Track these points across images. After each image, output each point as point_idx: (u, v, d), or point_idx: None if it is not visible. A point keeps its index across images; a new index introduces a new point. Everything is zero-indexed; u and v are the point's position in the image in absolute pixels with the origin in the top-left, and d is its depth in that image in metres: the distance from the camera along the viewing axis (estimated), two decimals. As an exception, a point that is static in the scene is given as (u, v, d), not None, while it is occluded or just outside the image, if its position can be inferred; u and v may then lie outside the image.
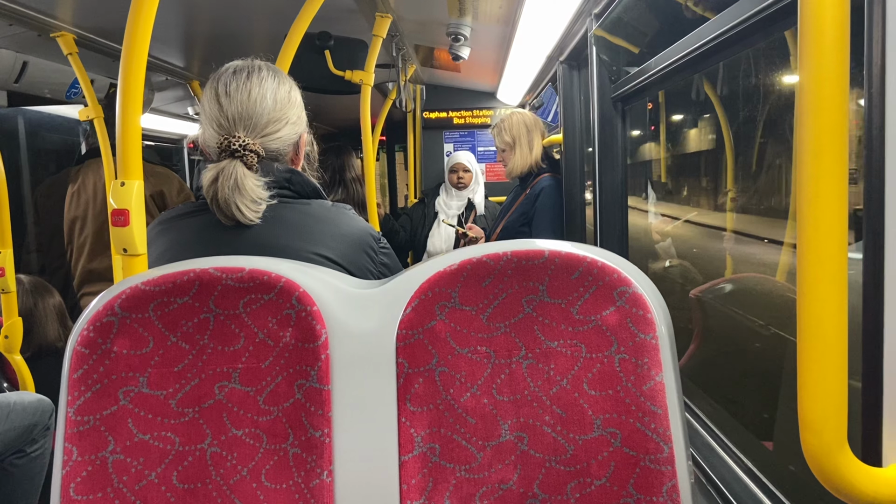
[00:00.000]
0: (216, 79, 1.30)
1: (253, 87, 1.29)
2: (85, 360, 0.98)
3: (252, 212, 1.23)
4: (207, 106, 1.29)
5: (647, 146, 4.18)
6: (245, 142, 1.25)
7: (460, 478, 1.00)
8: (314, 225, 1.30)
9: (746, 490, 1.29)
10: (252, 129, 1.27)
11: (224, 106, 1.27)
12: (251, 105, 1.27)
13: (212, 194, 1.23)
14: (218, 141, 1.25)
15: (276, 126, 1.30)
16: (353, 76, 2.68)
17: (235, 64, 1.33)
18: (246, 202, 1.22)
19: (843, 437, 0.70)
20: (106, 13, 2.50)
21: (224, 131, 1.26)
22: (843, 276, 0.67)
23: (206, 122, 1.29)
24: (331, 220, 1.33)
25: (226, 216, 1.24)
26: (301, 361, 1.01)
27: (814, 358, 0.70)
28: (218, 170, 1.22)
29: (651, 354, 0.98)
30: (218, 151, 1.25)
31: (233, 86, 1.28)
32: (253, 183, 1.23)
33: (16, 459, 2.13)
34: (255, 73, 1.31)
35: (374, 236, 1.39)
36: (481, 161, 5.30)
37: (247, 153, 1.24)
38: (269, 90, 1.30)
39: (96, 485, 0.97)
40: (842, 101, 0.66)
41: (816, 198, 0.66)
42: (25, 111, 4.07)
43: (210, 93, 1.29)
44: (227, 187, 1.21)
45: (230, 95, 1.27)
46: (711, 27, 1.36)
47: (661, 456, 0.96)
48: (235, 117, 1.27)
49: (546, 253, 1.01)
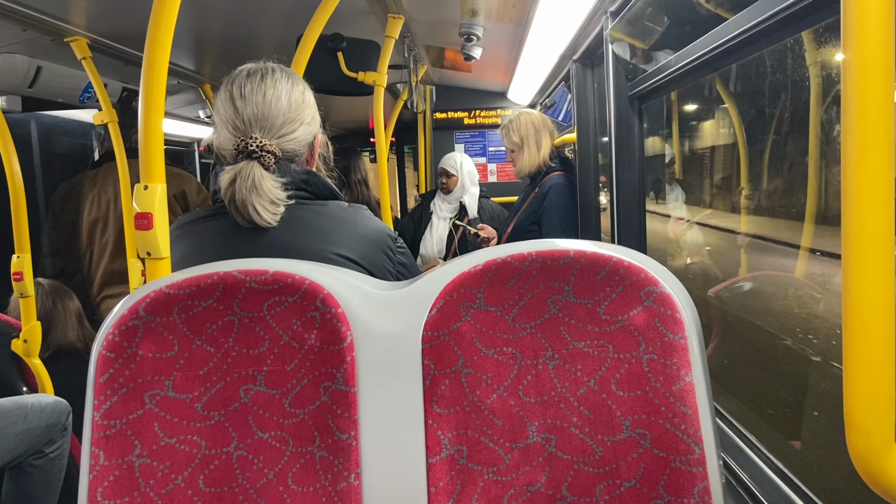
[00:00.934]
0: (230, 81, 1.31)
1: (268, 88, 1.29)
2: (111, 364, 0.98)
3: (269, 213, 1.23)
4: (222, 109, 1.29)
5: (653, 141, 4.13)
6: (262, 142, 1.25)
7: (488, 480, 0.99)
8: (332, 226, 1.30)
9: (778, 492, 1.28)
10: (268, 130, 1.28)
11: (239, 108, 1.27)
12: (266, 106, 1.28)
13: (230, 196, 1.22)
14: (234, 143, 1.25)
15: (291, 127, 1.31)
16: (365, 77, 2.68)
17: (249, 66, 1.33)
18: (264, 203, 1.22)
19: (891, 437, 0.69)
20: (119, 18, 2.50)
21: (240, 133, 1.27)
22: (890, 273, 0.66)
23: (222, 124, 1.29)
24: (349, 220, 1.33)
25: (243, 218, 1.24)
26: (326, 364, 1.00)
27: (860, 357, 0.68)
28: (235, 171, 1.22)
29: (680, 354, 0.97)
30: (235, 153, 1.25)
31: (247, 88, 1.28)
32: (271, 184, 1.23)
33: (35, 460, 2.14)
34: (269, 74, 1.31)
35: (392, 236, 1.39)
36: (492, 161, 5.30)
37: (264, 154, 1.25)
38: (283, 91, 1.30)
39: (123, 489, 0.97)
40: (888, 96, 0.65)
41: (862, 193, 0.65)
42: (38, 116, 4.09)
43: (224, 95, 1.29)
44: (244, 188, 1.21)
45: (245, 98, 1.27)
46: (733, 25, 1.34)
47: (692, 457, 0.95)
48: (251, 119, 1.27)
49: (571, 253, 1.01)
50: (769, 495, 1.27)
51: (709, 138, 3.86)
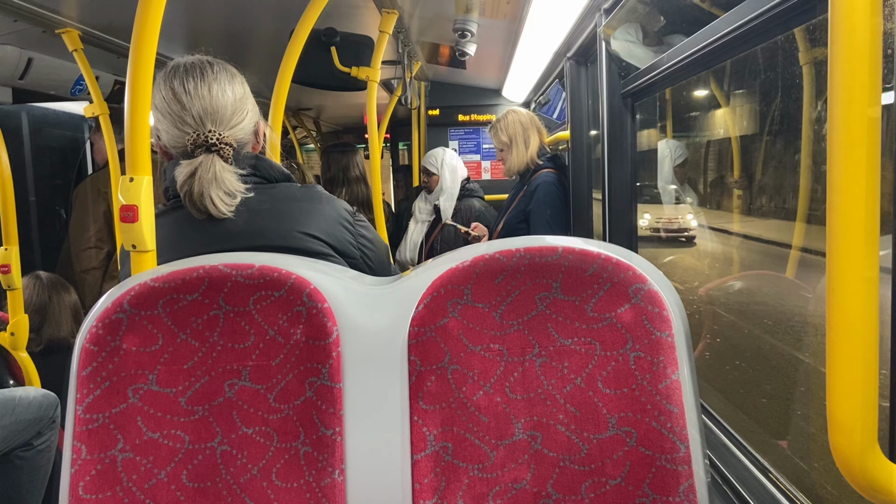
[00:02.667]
0: (169, 78, 1.29)
1: (211, 82, 1.29)
2: (94, 358, 0.97)
3: (225, 205, 1.24)
4: (166, 106, 1.28)
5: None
6: (220, 134, 1.26)
7: (473, 477, 0.99)
8: (288, 205, 1.31)
9: (763, 490, 1.28)
10: (220, 122, 1.28)
11: (186, 103, 1.26)
12: (214, 100, 1.28)
13: (186, 189, 1.22)
14: (188, 138, 1.25)
15: (240, 117, 1.32)
16: (359, 73, 2.67)
17: (184, 61, 1.32)
18: (221, 195, 1.22)
19: (874, 437, 0.69)
20: (111, 10, 2.49)
21: (191, 128, 1.26)
22: (875, 274, 0.66)
23: (169, 122, 1.28)
24: (303, 199, 1.34)
25: (199, 210, 1.24)
26: (312, 359, 1.00)
27: (843, 358, 0.68)
28: (195, 165, 1.22)
29: (667, 352, 0.97)
30: (192, 147, 1.25)
31: (191, 83, 1.28)
32: (231, 176, 1.25)
33: (22, 452, 2.14)
34: (209, 68, 1.31)
35: (348, 210, 1.40)
36: (486, 158, 5.29)
37: (222, 146, 1.26)
38: (226, 84, 1.31)
39: (105, 484, 0.96)
40: (873, 98, 0.64)
41: (847, 194, 0.65)
42: (30, 107, 4.07)
43: (167, 93, 1.28)
44: (204, 181, 1.21)
45: (190, 93, 1.27)
46: (724, 23, 1.34)
47: (677, 455, 0.94)
48: (202, 113, 1.27)
49: (559, 249, 1.00)
50: (754, 494, 1.27)
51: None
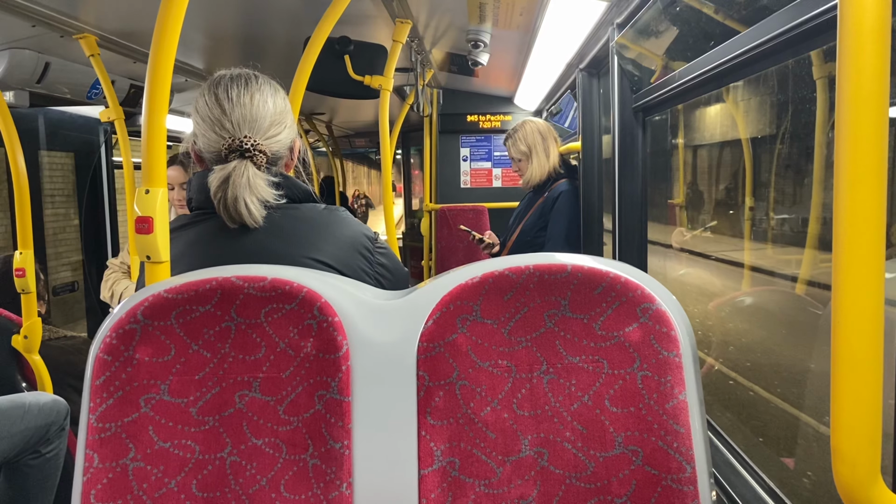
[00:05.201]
0: (214, 85, 1.32)
1: (254, 92, 1.32)
2: (107, 367, 0.99)
3: (258, 212, 1.25)
4: (207, 111, 1.31)
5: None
6: (255, 142, 1.27)
7: (479, 493, 0.99)
8: (304, 228, 1.32)
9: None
10: (257, 131, 1.30)
11: (227, 110, 1.29)
12: (255, 109, 1.30)
13: (220, 195, 1.24)
14: (224, 143, 1.27)
15: (277, 129, 1.33)
16: (372, 81, 2.69)
17: (230, 72, 1.36)
18: (254, 200, 1.24)
19: (877, 468, 0.69)
20: (128, 15, 2.52)
21: (228, 133, 1.28)
22: (880, 306, 0.66)
23: (206, 126, 1.30)
24: (323, 223, 1.34)
25: (232, 218, 1.25)
26: (322, 372, 1.01)
27: (847, 389, 0.69)
28: (228, 170, 1.24)
29: (674, 372, 0.97)
30: (226, 153, 1.27)
31: (234, 91, 1.30)
32: (263, 182, 1.26)
33: (31, 460, 2.14)
34: (253, 80, 1.34)
35: (370, 237, 1.40)
36: (497, 166, 5.30)
37: (257, 153, 1.27)
38: (268, 96, 1.34)
39: (117, 492, 0.97)
40: (881, 114, 0.65)
41: (853, 228, 0.65)
42: (47, 111, 4.11)
43: (210, 98, 1.31)
44: (239, 186, 1.22)
45: (233, 100, 1.30)
46: (738, 42, 1.34)
47: (683, 476, 0.95)
48: (240, 120, 1.29)
49: (569, 267, 1.01)
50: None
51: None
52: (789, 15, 1.16)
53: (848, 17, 0.67)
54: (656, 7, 1.87)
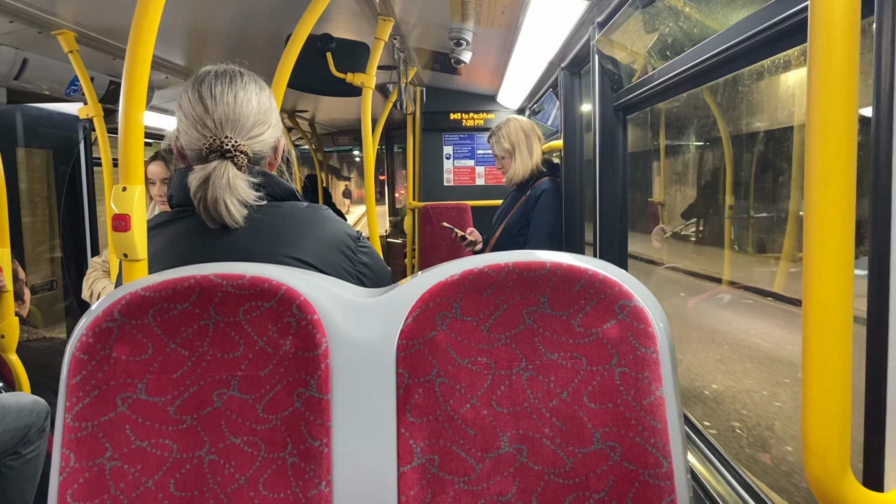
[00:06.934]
0: (198, 82, 1.30)
1: (238, 90, 1.30)
2: (84, 366, 0.98)
3: (238, 213, 1.23)
4: (190, 108, 1.29)
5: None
6: (237, 142, 1.26)
7: (459, 489, 1.00)
8: (285, 227, 1.30)
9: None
10: (239, 130, 1.28)
11: (210, 108, 1.27)
12: (238, 108, 1.28)
13: (200, 195, 1.22)
14: (205, 142, 1.25)
15: (260, 129, 1.32)
16: (354, 79, 2.68)
17: (215, 68, 1.33)
18: (234, 202, 1.22)
19: (847, 462, 0.70)
20: (107, 11, 2.49)
21: (210, 133, 1.27)
22: (849, 301, 0.67)
23: (189, 124, 1.28)
24: (304, 221, 1.33)
25: (212, 218, 1.23)
26: (301, 370, 1.00)
27: (818, 383, 0.69)
28: (209, 170, 1.22)
29: (652, 369, 0.98)
30: (207, 152, 1.25)
31: (217, 89, 1.28)
32: (243, 184, 1.24)
33: (10, 461, 2.11)
34: (238, 77, 1.32)
35: (352, 235, 1.38)
36: (480, 164, 5.31)
37: (237, 154, 1.26)
38: (253, 94, 1.31)
39: (93, 491, 0.96)
40: (850, 116, 0.66)
41: (823, 226, 0.66)
42: (24, 107, 4.06)
43: (193, 96, 1.29)
44: (219, 187, 1.21)
45: (216, 98, 1.28)
46: (718, 41, 1.36)
47: (660, 471, 0.96)
48: (223, 119, 1.27)
49: (547, 265, 1.01)
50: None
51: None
52: (764, 15, 1.17)
53: (818, 18, 0.68)
54: (635, 7, 1.88)
